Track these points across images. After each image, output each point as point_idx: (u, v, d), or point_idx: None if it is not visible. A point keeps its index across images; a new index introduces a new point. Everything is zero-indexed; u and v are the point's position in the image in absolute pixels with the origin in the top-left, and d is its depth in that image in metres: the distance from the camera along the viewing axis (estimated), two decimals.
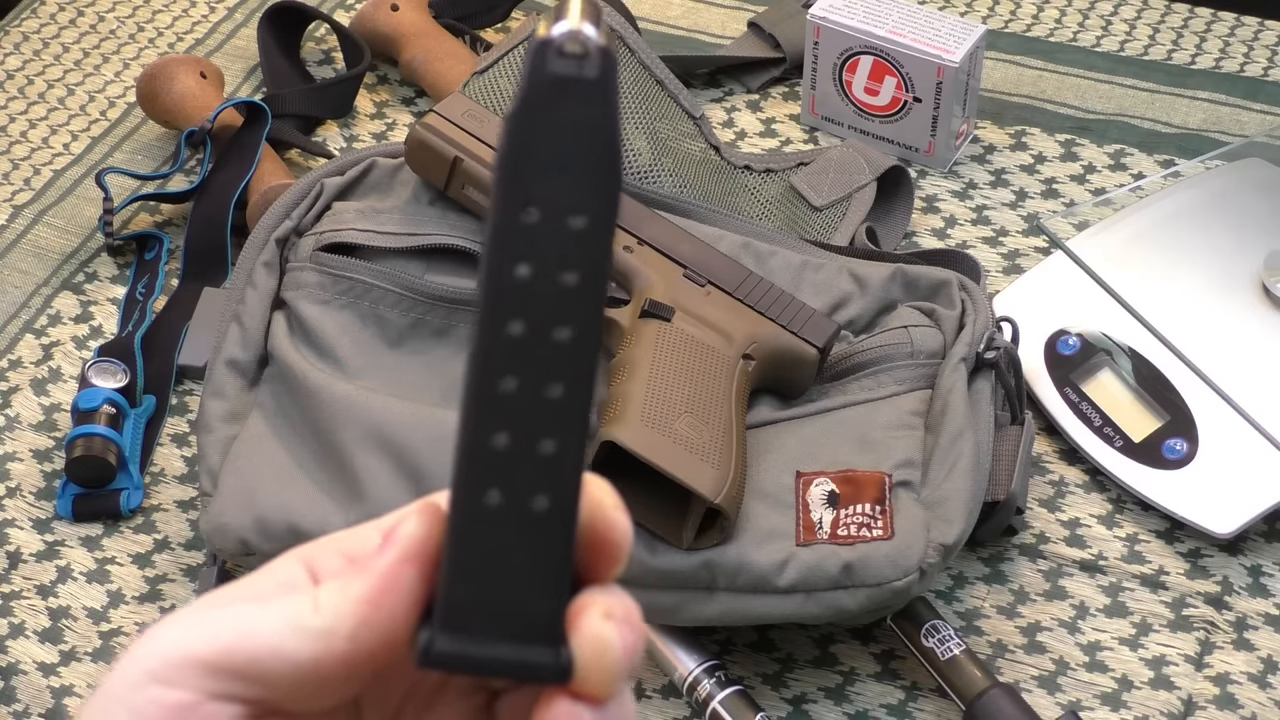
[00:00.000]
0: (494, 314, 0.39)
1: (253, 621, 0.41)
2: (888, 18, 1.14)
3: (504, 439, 0.39)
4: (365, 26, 1.24)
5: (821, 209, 1.07)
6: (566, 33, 0.37)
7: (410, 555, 0.41)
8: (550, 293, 0.39)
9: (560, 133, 0.38)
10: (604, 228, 0.39)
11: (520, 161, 0.38)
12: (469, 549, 0.40)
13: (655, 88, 1.07)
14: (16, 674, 0.90)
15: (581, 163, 0.38)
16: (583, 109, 0.38)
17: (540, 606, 0.40)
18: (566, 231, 0.38)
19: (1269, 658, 0.90)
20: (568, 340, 0.39)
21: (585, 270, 0.39)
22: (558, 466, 0.40)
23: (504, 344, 0.39)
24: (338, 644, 0.40)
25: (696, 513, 0.83)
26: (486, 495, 0.40)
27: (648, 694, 0.89)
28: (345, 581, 0.41)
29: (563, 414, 0.39)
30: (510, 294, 0.39)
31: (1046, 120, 1.21)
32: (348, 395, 0.90)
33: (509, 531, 0.40)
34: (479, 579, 0.40)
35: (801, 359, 0.91)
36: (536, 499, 0.40)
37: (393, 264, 0.95)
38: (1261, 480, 0.93)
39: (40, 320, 1.09)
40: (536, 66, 0.37)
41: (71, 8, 1.35)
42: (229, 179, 1.12)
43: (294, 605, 0.41)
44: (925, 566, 0.84)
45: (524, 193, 0.38)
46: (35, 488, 0.99)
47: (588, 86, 0.38)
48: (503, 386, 0.39)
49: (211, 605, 0.42)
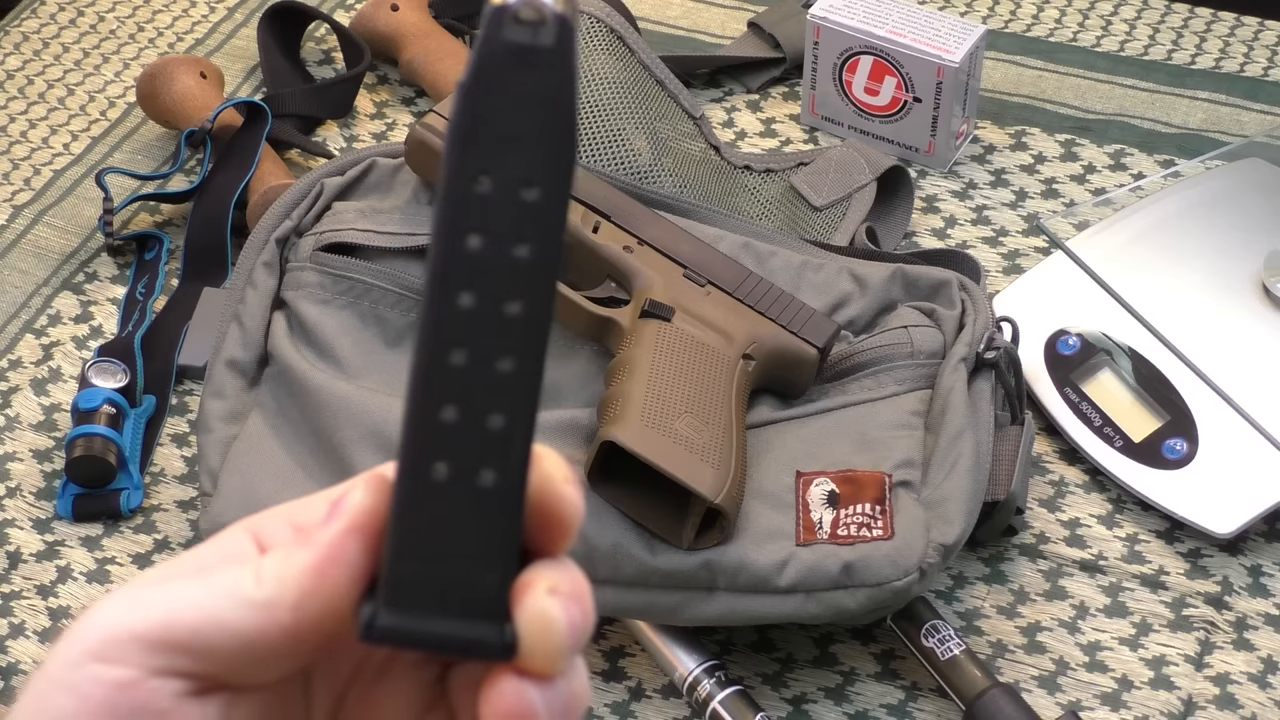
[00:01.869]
0: (444, 285, 0.38)
1: (193, 594, 0.40)
2: (888, 18, 1.14)
3: (452, 412, 0.39)
4: (365, 26, 1.24)
5: (821, 209, 1.07)
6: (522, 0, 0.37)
7: (356, 526, 0.40)
8: (501, 265, 0.38)
9: (514, 102, 0.37)
10: (558, 200, 0.38)
11: (472, 131, 0.37)
12: (414, 523, 0.39)
13: (655, 88, 1.07)
14: (16, 674, 0.90)
15: (535, 133, 0.37)
16: (537, 78, 0.37)
17: (485, 582, 0.39)
18: (519, 203, 0.38)
19: (1269, 658, 0.90)
20: (519, 314, 0.38)
21: (538, 243, 0.38)
22: (506, 441, 0.39)
23: (454, 316, 0.38)
24: (280, 615, 0.39)
25: (696, 513, 0.83)
26: (433, 469, 0.39)
27: (648, 694, 0.89)
28: (289, 552, 0.40)
29: (512, 388, 0.39)
30: (460, 265, 0.38)
31: (1046, 120, 1.21)
32: (348, 395, 0.90)
33: (455, 506, 0.39)
34: (424, 553, 0.39)
35: (801, 359, 0.91)
36: (483, 473, 0.39)
37: (393, 264, 0.95)
38: (1261, 480, 0.93)
39: (40, 320, 1.09)
40: (490, 34, 0.37)
41: (71, 8, 1.35)
42: (229, 179, 1.12)
43: (236, 576, 0.40)
44: (925, 566, 0.84)
45: (476, 163, 0.37)
46: (35, 488, 0.99)
47: (543, 55, 0.37)
48: (452, 359, 0.38)
49: (151, 581, 0.41)
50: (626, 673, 0.90)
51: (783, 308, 0.92)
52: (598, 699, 0.89)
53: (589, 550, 0.84)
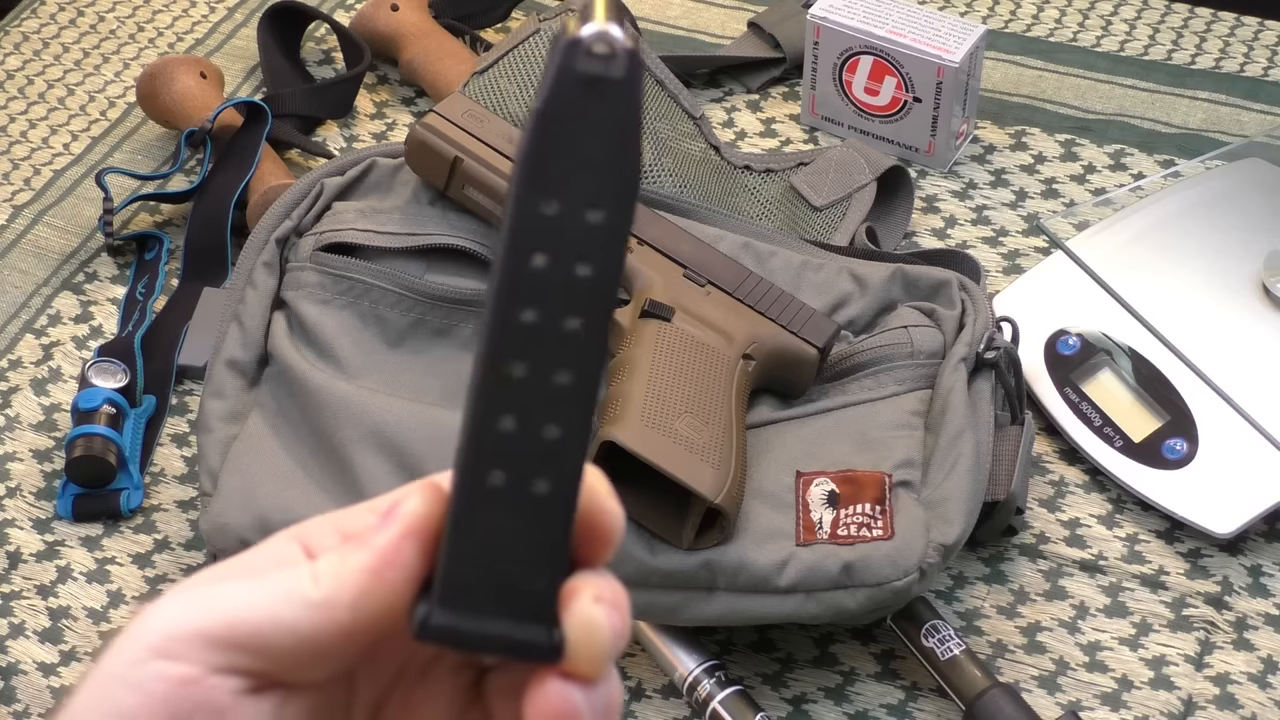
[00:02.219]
0: (509, 301, 0.40)
1: (252, 594, 0.41)
2: (888, 18, 1.14)
3: (510, 422, 0.40)
4: (365, 26, 1.24)
5: (821, 209, 1.07)
6: (595, 33, 0.38)
7: (412, 531, 0.41)
8: (564, 283, 0.40)
9: (585, 129, 0.39)
10: (621, 223, 0.40)
11: (544, 154, 0.39)
12: (470, 528, 0.41)
13: (655, 88, 1.07)
14: (16, 674, 0.90)
15: (603, 160, 0.39)
16: (608, 108, 0.39)
17: (535, 587, 0.41)
18: (584, 225, 0.39)
19: (1269, 658, 0.90)
20: (578, 330, 0.40)
21: (599, 263, 0.40)
22: (561, 452, 0.41)
23: (516, 330, 0.40)
24: (338, 614, 0.41)
25: (696, 513, 0.83)
26: (490, 476, 0.41)
27: (648, 694, 0.89)
28: (345, 553, 0.41)
29: (569, 401, 0.40)
30: (526, 282, 0.40)
31: (1046, 120, 1.21)
32: (348, 395, 0.90)
33: (510, 513, 0.41)
34: (478, 557, 0.41)
35: (801, 359, 0.91)
36: (538, 482, 0.41)
37: (393, 264, 0.95)
38: (1261, 480, 0.93)
39: (40, 320, 1.09)
40: (566, 65, 0.38)
41: (71, 8, 1.35)
42: (229, 179, 1.12)
43: (293, 577, 0.41)
44: (925, 566, 0.84)
45: (545, 185, 0.39)
46: (35, 488, 0.99)
47: (614, 86, 0.39)
48: (513, 371, 0.40)
49: (208, 581, 0.42)
50: (626, 673, 0.90)
51: (783, 308, 0.92)
52: None
53: None
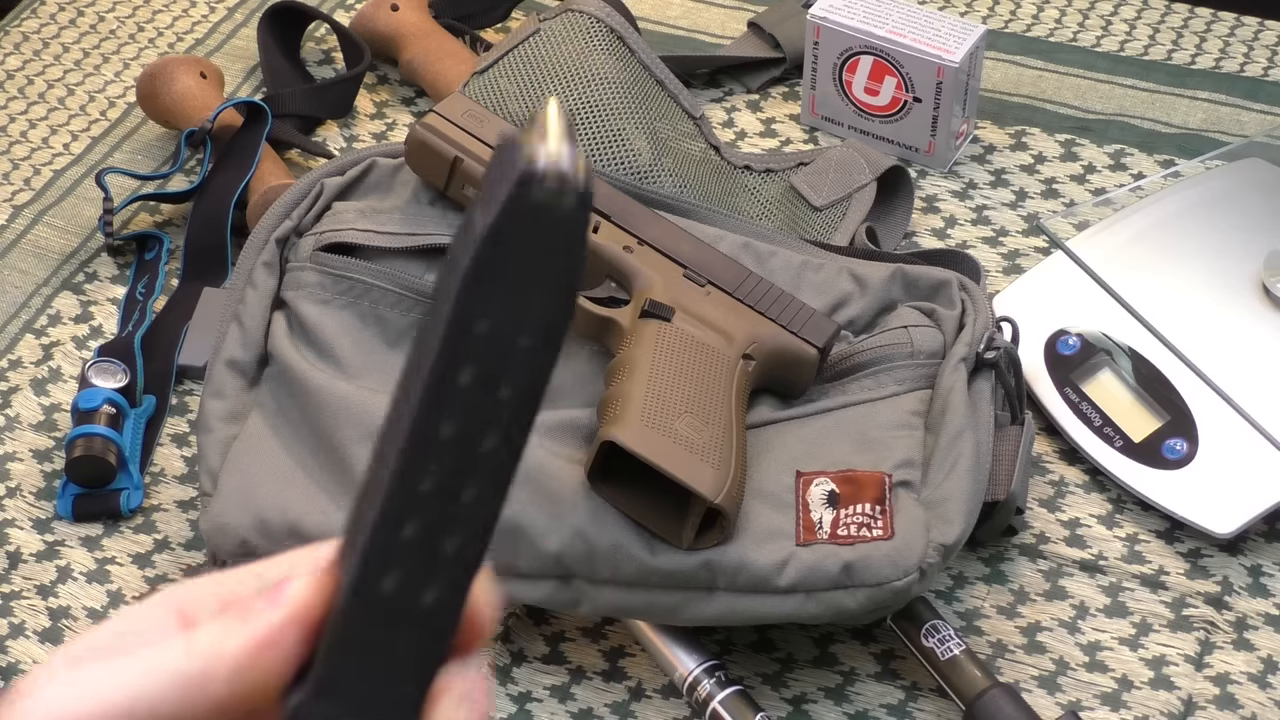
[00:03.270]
0: (429, 415, 0.40)
1: (124, 675, 0.41)
2: (888, 18, 1.14)
3: (412, 530, 0.41)
4: (365, 26, 1.24)
5: (821, 209, 1.07)
6: (549, 165, 0.39)
7: (295, 618, 0.42)
8: (484, 402, 0.40)
9: (529, 257, 0.39)
10: (549, 349, 0.40)
11: (484, 275, 0.39)
12: (354, 628, 0.42)
13: (655, 88, 1.07)
14: (16, 674, 0.90)
15: (542, 286, 0.40)
16: (555, 239, 0.39)
17: (405, 690, 0.42)
18: (513, 348, 0.40)
19: (1269, 658, 0.90)
20: (492, 447, 0.41)
21: (521, 386, 0.40)
22: (456, 565, 0.41)
23: (433, 444, 0.40)
24: (213, 687, 0.41)
25: (696, 513, 0.83)
26: (383, 581, 0.41)
27: (648, 694, 0.89)
28: (225, 627, 0.42)
29: (473, 517, 0.41)
30: (447, 399, 0.40)
31: (1046, 120, 1.21)
32: (348, 395, 0.90)
33: (396, 619, 0.42)
34: (357, 657, 0.42)
35: (801, 359, 0.91)
36: (428, 592, 0.41)
37: (393, 264, 0.95)
38: (1261, 480, 0.93)
39: (40, 320, 1.09)
40: (519, 194, 0.39)
41: (71, 8, 1.35)
42: (229, 179, 1.12)
43: (163, 651, 0.42)
44: (925, 566, 0.84)
45: (481, 306, 0.39)
46: (35, 488, 1.00)
47: (563, 217, 0.39)
48: (422, 484, 0.41)
49: (80, 660, 0.43)
50: (626, 673, 0.90)
51: (783, 308, 0.92)
52: (598, 699, 0.89)
53: (589, 550, 0.84)
